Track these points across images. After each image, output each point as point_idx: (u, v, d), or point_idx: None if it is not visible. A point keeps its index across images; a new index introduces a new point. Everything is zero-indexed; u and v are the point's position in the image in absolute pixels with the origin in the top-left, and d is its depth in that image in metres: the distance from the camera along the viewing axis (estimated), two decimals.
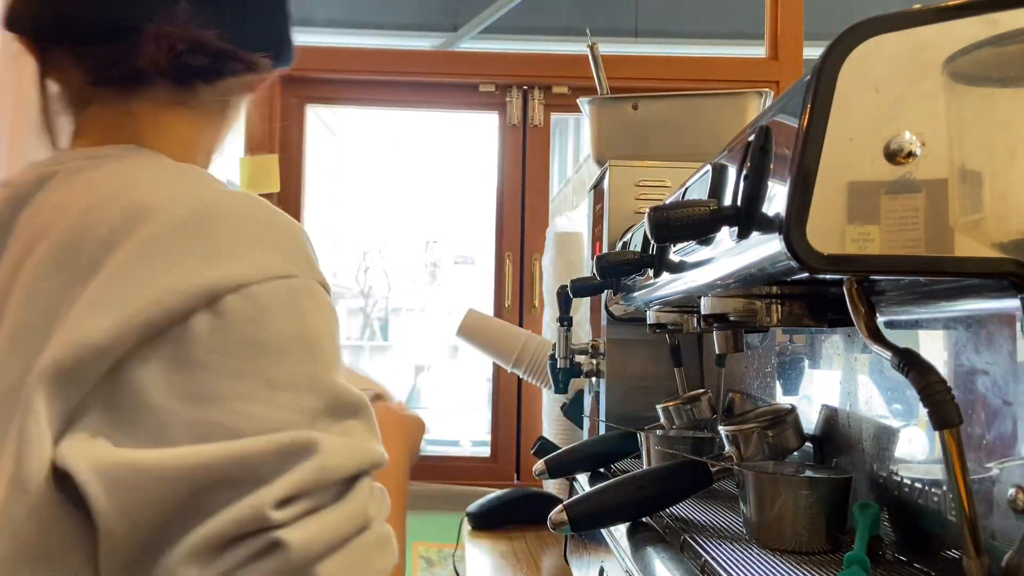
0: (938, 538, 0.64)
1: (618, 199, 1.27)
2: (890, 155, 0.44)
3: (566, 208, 2.58)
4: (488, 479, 2.03)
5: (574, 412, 1.67)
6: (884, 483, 0.72)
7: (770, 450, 0.83)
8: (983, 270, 0.44)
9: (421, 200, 9.22)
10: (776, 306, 0.72)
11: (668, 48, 3.17)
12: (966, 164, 0.44)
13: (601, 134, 1.39)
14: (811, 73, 0.46)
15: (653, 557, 0.80)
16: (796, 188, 0.45)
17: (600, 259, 0.89)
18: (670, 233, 0.58)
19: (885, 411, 0.74)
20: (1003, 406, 0.56)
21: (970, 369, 0.60)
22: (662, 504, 0.86)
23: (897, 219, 0.44)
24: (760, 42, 2.19)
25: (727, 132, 0.98)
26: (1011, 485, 0.54)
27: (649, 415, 1.21)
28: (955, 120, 0.44)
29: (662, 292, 0.83)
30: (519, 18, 3.08)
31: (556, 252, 1.82)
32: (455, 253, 9.93)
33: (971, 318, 0.61)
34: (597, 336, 1.40)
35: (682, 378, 1.21)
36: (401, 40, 3.10)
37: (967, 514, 0.48)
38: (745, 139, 0.58)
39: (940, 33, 0.44)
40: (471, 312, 1.78)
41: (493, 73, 2.15)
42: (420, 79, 2.16)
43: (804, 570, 0.67)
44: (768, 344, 1.05)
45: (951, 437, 0.48)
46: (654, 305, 1.01)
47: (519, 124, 2.14)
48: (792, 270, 0.47)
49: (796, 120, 0.46)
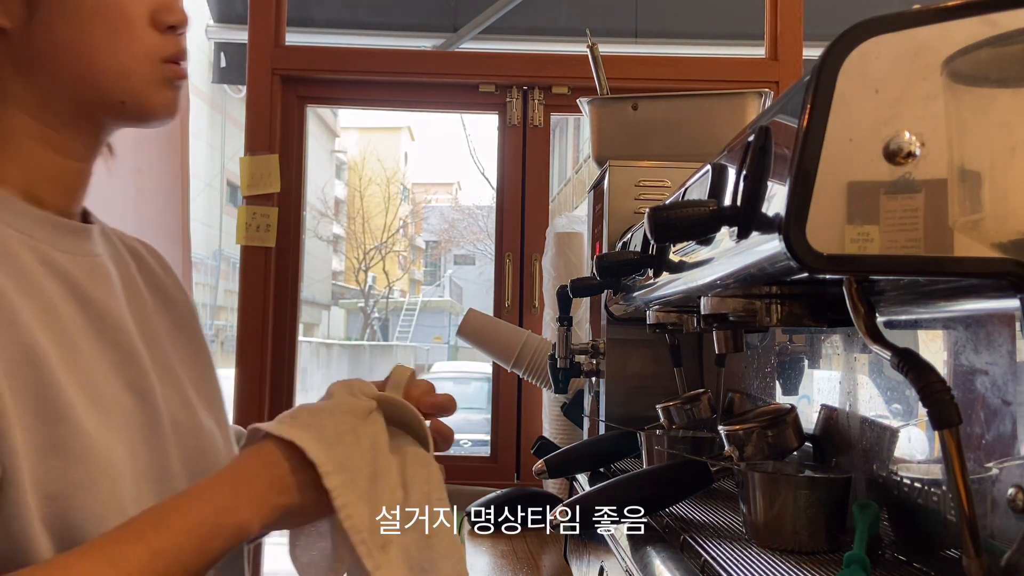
0: (938, 538, 0.64)
1: (618, 199, 1.27)
2: (889, 155, 0.44)
3: (566, 208, 2.58)
4: (488, 479, 2.03)
5: (574, 412, 1.67)
6: (884, 483, 0.72)
7: (770, 450, 0.84)
8: (982, 270, 0.44)
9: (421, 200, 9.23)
10: (776, 306, 0.72)
11: (668, 48, 3.17)
12: (965, 164, 0.44)
13: (601, 134, 1.39)
14: (811, 73, 0.46)
15: (653, 557, 0.80)
16: (796, 188, 0.45)
17: (600, 259, 0.89)
18: (670, 233, 0.58)
19: (885, 411, 0.74)
20: (1003, 406, 0.57)
21: (970, 369, 0.60)
22: (662, 504, 0.86)
23: (896, 219, 0.44)
24: (760, 42, 2.19)
25: (727, 132, 0.98)
26: (1011, 485, 0.54)
27: (649, 415, 1.21)
28: (954, 120, 0.44)
29: (662, 292, 0.83)
30: (519, 18, 3.08)
31: (556, 252, 1.82)
32: (455, 253, 9.93)
33: (971, 318, 0.61)
34: (597, 336, 1.40)
35: (682, 378, 1.21)
36: (401, 40, 3.10)
37: (966, 514, 0.48)
38: (745, 139, 0.58)
39: (939, 33, 0.44)
40: (471, 312, 1.78)
41: (493, 73, 2.15)
42: (420, 79, 2.16)
43: (804, 570, 0.67)
44: (768, 344, 1.05)
45: (951, 437, 0.48)
46: (654, 305, 1.01)
47: (519, 124, 2.14)
48: (792, 270, 0.47)
49: (796, 120, 0.46)
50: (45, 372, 0.58)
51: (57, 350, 0.60)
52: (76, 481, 0.57)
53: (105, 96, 0.68)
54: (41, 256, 0.64)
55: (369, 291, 14.99)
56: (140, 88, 0.68)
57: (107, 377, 0.65)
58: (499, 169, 2.19)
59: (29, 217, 0.65)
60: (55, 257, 0.66)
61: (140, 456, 0.64)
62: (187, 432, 0.70)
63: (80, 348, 0.63)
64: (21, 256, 0.63)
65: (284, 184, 2.07)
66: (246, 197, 2.07)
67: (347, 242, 15.25)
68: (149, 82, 0.69)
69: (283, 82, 2.11)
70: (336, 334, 14.90)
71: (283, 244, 2.09)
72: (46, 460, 0.56)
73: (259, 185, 2.07)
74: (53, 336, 0.60)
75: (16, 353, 0.56)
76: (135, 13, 0.67)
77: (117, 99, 0.68)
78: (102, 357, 0.65)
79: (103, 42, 0.66)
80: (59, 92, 0.67)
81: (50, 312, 0.62)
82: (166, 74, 0.69)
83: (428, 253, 16.94)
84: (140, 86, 0.68)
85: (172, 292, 0.80)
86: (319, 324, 14.57)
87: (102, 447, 0.60)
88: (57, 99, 0.67)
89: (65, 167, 0.69)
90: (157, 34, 0.69)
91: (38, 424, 0.56)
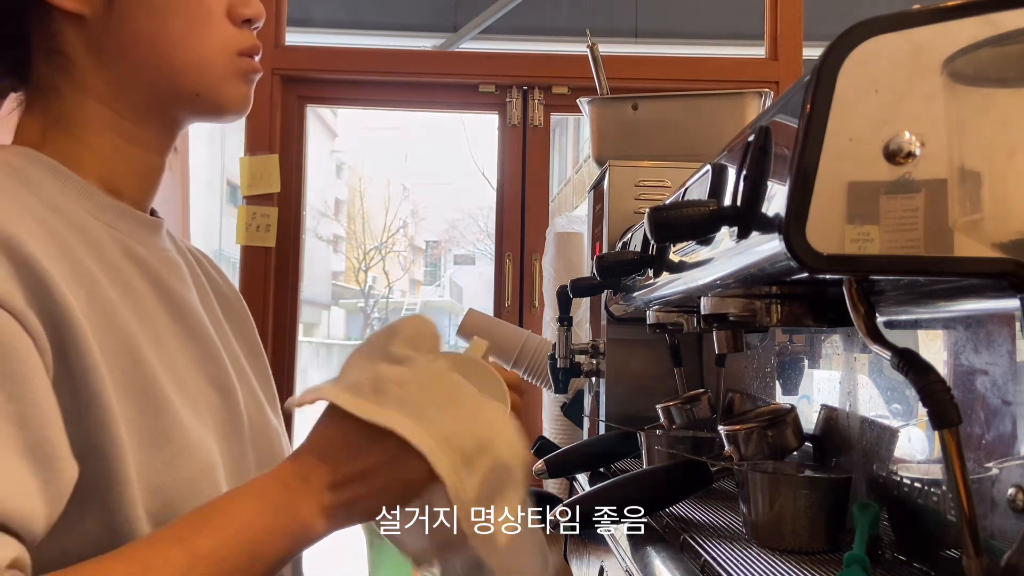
0: (938, 538, 0.64)
1: (618, 199, 1.27)
2: (889, 155, 0.44)
3: (566, 208, 2.58)
4: None
5: (574, 412, 1.67)
6: (884, 483, 0.72)
7: (770, 450, 0.84)
8: (982, 270, 0.44)
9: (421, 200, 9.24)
10: (776, 306, 0.72)
11: (668, 48, 3.17)
12: (965, 164, 0.44)
13: (601, 134, 1.39)
14: (811, 73, 0.46)
15: (653, 557, 0.80)
16: (796, 188, 0.45)
17: (600, 259, 0.89)
18: (670, 233, 0.58)
19: (885, 411, 0.74)
20: (1003, 406, 0.56)
21: (970, 369, 0.60)
22: (662, 504, 0.86)
23: (896, 219, 0.44)
24: (760, 42, 2.19)
25: (727, 132, 0.98)
26: (1011, 485, 0.54)
27: (649, 415, 1.21)
28: (954, 120, 0.44)
29: (662, 292, 0.83)
30: (519, 18, 3.08)
31: (556, 252, 1.82)
32: (455, 253, 9.93)
33: (971, 318, 0.61)
34: (597, 336, 1.40)
35: (682, 378, 1.21)
36: (401, 40, 3.11)
37: (967, 514, 0.48)
38: (745, 139, 0.58)
39: (940, 33, 0.44)
40: (471, 312, 1.78)
41: (493, 73, 2.15)
42: (420, 79, 2.16)
43: (804, 570, 0.67)
44: (768, 344, 1.05)
45: (951, 437, 0.48)
46: (654, 305, 1.01)
47: (519, 124, 2.14)
48: (792, 270, 0.47)
49: (796, 120, 0.46)
50: (143, 364, 0.57)
51: (149, 343, 0.59)
52: (180, 475, 0.56)
53: (181, 88, 0.67)
54: (124, 248, 0.64)
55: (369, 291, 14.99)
56: (216, 81, 0.67)
57: (194, 374, 0.64)
58: (499, 169, 2.19)
59: (112, 209, 0.64)
60: (136, 249, 0.65)
61: (225, 455, 0.63)
62: (260, 433, 0.70)
63: (167, 342, 0.62)
64: (109, 248, 0.62)
65: (284, 184, 2.08)
66: (246, 197, 2.07)
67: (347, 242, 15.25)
68: (225, 75, 0.68)
69: (283, 82, 2.11)
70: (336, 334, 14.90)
71: (283, 244, 2.09)
72: (150, 453, 0.55)
73: (259, 185, 2.07)
74: (145, 329, 0.60)
75: (114, 343, 0.56)
76: (213, 5, 0.67)
77: (193, 91, 0.67)
78: (186, 353, 0.64)
79: (181, 33, 0.66)
80: (135, 83, 0.66)
81: (140, 305, 0.61)
82: (241, 67, 0.68)
83: (428, 253, 16.94)
84: (216, 79, 0.67)
85: (229, 294, 0.79)
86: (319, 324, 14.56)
87: (200, 442, 0.59)
88: (133, 90, 0.66)
89: (141, 159, 0.68)
90: (233, 27, 0.68)
91: (140, 416, 0.56)
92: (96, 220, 0.62)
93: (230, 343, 0.72)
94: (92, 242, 0.60)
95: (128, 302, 0.60)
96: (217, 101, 0.68)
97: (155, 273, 0.65)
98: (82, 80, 0.65)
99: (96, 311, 0.56)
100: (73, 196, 0.62)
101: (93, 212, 0.63)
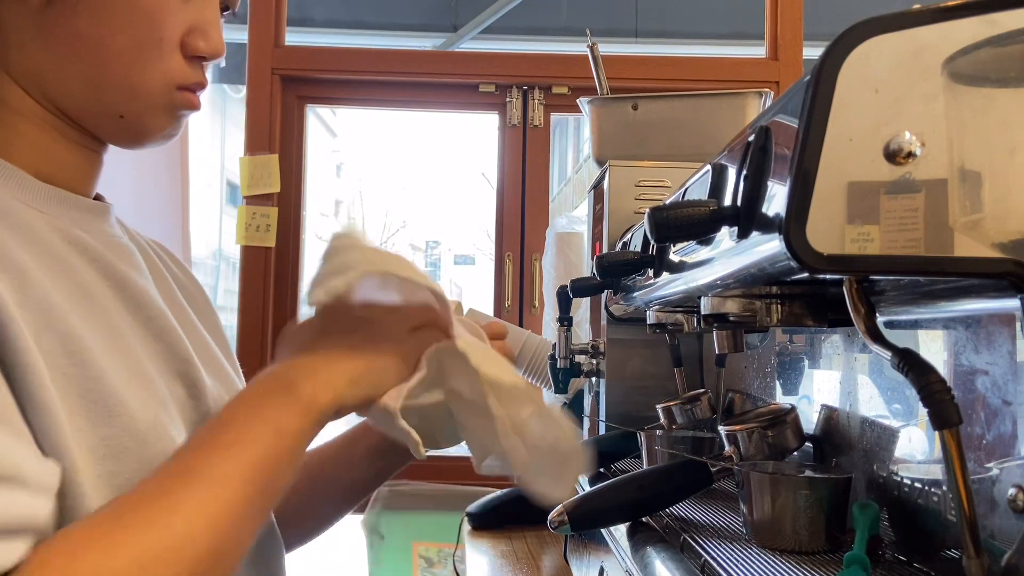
0: (938, 538, 0.64)
1: (618, 199, 1.27)
2: (890, 155, 0.44)
3: (566, 208, 2.58)
4: (488, 479, 2.03)
5: (574, 412, 1.67)
6: (884, 483, 0.72)
7: (770, 450, 0.83)
8: (982, 270, 0.44)
9: (421, 200, 9.23)
10: (776, 306, 0.72)
11: (668, 48, 3.17)
12: (966, 164, 0.44)
13: (601, 134, 1.39)
14: (811, 73, 0.46)
15: (653, 557, 0.80)
16: (796, 188, 0.45)
17: (600, 259, 0.89)
18: (670, 233, 0.58)
19: (885, 411, 0.74)
20: (1003, 406, 0.56)
21: (970, 369, 0.60)
22: (662, 504, 0.86)
23: (897, 219, 0.44)
24: (760, 42, 2.19)
25: (727, 132, 0.98)
26: (1011, 485, 0.54)
27: (649, 415, 1.21)
28: (955, 120, 0.44)
29: (662, 292, 0.83)
30: (519, 18, 3.09)
31: (556, 252, 1.82)
32: (455, 253, 9.92)
33: (971, 318, 0.61)
34: (597, 336, 1.40)
35: (682, 378, 1.21)
36: (401, 40, 3.11)
37: (967, 514, 0.48)
38: (745, 139, 0.58)
39: (940, 33, 0.44)
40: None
41: (493, 73, 2.15)
42: (420, 79, 2.16)
43: (804, 570, 0.67)
44: (768, 344, 1.05)
45: (951, 437, 0.48)
46: (654, 305, 1.00)
47: (519, 124, 2.14)
48: (792, 270, 0.47)
49: (796, 120, 0.46)
50: (89, 364, 0.52)
51: (99, 337, 0.54)
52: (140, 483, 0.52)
53: (106, 104, 0.62)
54: (64, 234, 0.58)
55: None
56: (143, 109, 0.63)
57: (157, 367, 0.59)
58: (499, 169, 2.19)
59: (41, 193, 0.59)
60: (79, 236, 0.59)
61: None
62: None
63: (123, 334, 0.57)
64: (43, 233, 0.56)
65: (284, 184, 2.08)
66: (246, 197, 2.07)
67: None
68: (155, 106, 0.63)
69: (283, 82, 2.11)
70: None
71: (283, 244, 2.09)
72: (104, 463, 0.51)
73: (259, 185, 2.07)
74: (93, 321, 0.55)
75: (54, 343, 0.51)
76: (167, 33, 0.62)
77: (116, 112, 0.63)
78: (146, 344, 0.60)
79: (123, 52, 0.61)
80: (62, 83, 0.61)
81: (86, 294, 0.56)
82: (176, 102, 0.64)
83: (428, 253, 16.94)
84: (144, 107, 0.63)
85: (191, 286, 0.75)
86: None
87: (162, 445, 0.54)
88: (60, 90, 0.61)
89: (75, 151, 0.64)
90: (182, 60, 0.63)
91: (88, 426, 0.51)
92: (26, 207, 0.57)
93: (195, 331, 0.68)
94: (20, 228, 0.54)
95: (68, 292, 0.54)
96: (139, 129, 0.64)
97: (104, 260, 0.60)
98: (18, 63, 0.60)
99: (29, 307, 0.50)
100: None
101: (19, 198, 0.57)
